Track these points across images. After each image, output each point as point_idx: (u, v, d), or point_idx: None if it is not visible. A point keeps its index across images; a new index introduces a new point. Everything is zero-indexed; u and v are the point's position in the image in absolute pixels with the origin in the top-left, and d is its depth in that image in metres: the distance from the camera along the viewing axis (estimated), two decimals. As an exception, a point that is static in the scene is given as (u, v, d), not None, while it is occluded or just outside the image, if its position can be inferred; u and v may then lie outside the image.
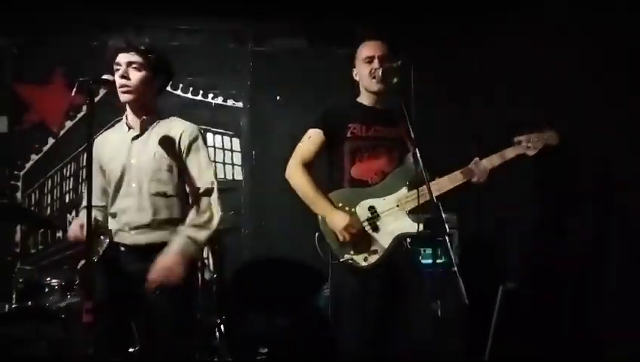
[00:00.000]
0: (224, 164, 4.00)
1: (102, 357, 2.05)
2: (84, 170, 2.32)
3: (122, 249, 2.15)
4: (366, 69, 2.39)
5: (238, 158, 4.01)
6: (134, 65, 2.12)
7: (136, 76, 2.12)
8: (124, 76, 2.10)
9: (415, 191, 2.27)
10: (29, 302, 2.90)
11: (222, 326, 3.16)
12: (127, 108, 2.20)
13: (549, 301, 3.26)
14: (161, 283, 2.02)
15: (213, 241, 3.68)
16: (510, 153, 2.41)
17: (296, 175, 2.38)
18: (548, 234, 3.42)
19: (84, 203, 2.22)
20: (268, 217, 3.92)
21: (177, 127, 2.20)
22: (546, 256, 3.38)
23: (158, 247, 2.10)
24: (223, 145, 4.00)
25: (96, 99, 2.03)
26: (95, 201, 2.20)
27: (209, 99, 4.01)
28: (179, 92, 3.95)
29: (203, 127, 3.97)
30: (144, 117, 2.18)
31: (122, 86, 2.10)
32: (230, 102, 4.02)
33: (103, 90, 3.19)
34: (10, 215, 3.31)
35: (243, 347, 3.35)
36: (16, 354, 2.65)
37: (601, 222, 3.07)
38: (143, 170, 2.14)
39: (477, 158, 2.39)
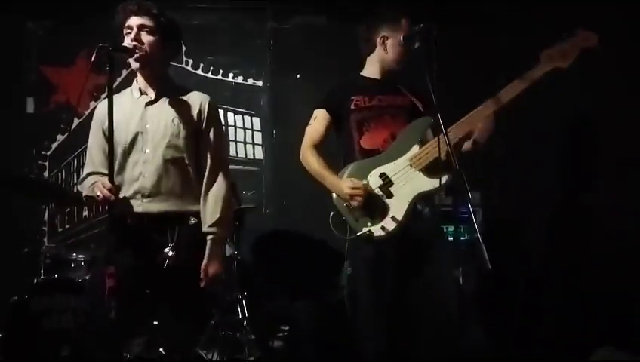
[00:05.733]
0: (245, 143, 4.00)
1: (125, 326, 2.04)
2: (90, 139, 2.22)
3: (129, 219, 2.06)
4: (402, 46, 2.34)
5: (258, 137, 4.00)
6: (147, 29, 2.04)
7: (148, 40, 2.04)
8: (137, 40, 2.03)
9: (427, 146, 2.23)
10: (56, 275, 2.98)
11: (244, 303, 3.17)
12: (139, 74, 2.13)
13: (576, 283, 3.19)
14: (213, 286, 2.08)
15: (235, 218, 3.72)
16: (538, 72, 2.13)
17: (306, 157, 2.40)
18: (575, 214, 3.33)
19: (87, 170, 2.17)
20: (289, 196, 3.91)
21: (197, 96, 2.15)
22: (573, 237, 3.29)
23: (171, 216, 2.05)
24: (243, 125, 4.00)
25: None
26: (99, 168, 2.14)
27: (229, 79, 4.00)
28: (199, 71, 3.96)
29: (223, 106, 4.05)
30: (160, 83, 2.13)
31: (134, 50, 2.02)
32: (250, 81, 4.01)
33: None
34: (39, 192, 3.37)
35: (264, 324, 3.37)
36: (43, 325, 2.72)
37: (634, 198, 2.97)
38: (159, 135, 2.06)
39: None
